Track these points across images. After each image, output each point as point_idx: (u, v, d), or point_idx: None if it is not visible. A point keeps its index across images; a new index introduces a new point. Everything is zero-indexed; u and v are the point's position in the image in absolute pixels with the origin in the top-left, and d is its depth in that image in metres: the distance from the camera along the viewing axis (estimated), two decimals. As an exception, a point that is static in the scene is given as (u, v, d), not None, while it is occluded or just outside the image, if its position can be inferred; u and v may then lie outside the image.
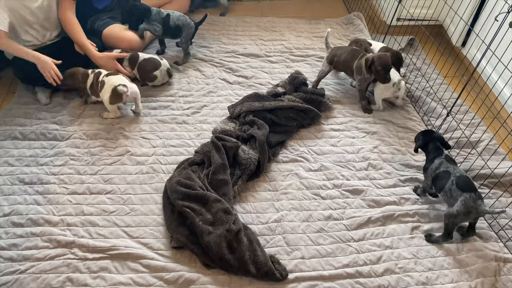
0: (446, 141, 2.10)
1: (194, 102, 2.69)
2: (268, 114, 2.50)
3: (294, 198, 2.14)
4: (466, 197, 1.83)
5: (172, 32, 2.89)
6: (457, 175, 1.91)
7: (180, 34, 2.90)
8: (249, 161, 2.20)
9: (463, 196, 1.84)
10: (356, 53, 2.65)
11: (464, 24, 2.95)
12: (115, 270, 1.81)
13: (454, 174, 1.92)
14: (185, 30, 2.88)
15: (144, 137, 2.43)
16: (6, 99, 2.66)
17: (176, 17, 2.85)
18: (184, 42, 2.94)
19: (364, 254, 1.93)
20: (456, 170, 1.94)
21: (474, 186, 1.89)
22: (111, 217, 2.01)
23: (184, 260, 1.86)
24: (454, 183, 1.88)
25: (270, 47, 3.24)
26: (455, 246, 1.97)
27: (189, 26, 2.87)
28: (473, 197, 1.83)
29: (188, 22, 2.87)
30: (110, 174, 2.21)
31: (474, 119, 2.64)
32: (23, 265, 1.80)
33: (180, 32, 2.89)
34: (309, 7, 3.82)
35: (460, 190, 1.86)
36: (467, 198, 1.82)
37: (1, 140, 2.36)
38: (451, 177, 1.91)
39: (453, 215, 1.87)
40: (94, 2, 2.94)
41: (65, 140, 2.37)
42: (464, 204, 1.83)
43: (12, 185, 2.12)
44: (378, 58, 2.47)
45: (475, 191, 1.86)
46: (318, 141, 2.48)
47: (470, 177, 1.95)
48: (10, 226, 1.94)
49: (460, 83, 2.75)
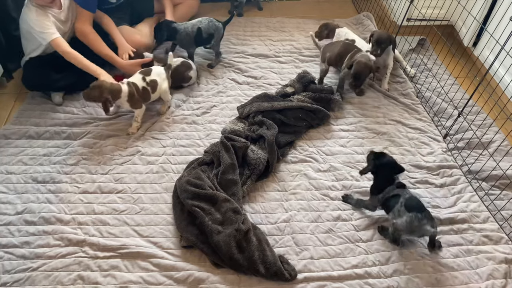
0: (398, 165, 2.00)
1: (203, 102, 2.70)
2: (277, 114, 2.50)
3: (303, 198, 2.15)
4: (411, 216, 1.83)
5: (205, 41, 2.95)
6: (406, 197, 1.90)
7: (212, 39, 2.95)
8: (258, 161, 2.21)
9: (408, 216, 1.83)
10: (349, 47, 2.69)
11: (475, 25, 2.93)
12: (125, 268, 1.83)
13: (403, 196, 1.90)
14: (216, 35, 2.94)
15: (155, 137, 2.45)
16: (19, 98, 2.71)
17: (206, 27, 2.89)
18: (216, 45, 2.99)
19: (372, 254, 1.92)
20: (405, 192, 1.92)
21: (423, 206, 1.88)
22: (122, 216, 2.03)
23: (194, 259, 1.87)
24: (402, 204, 1.87)
25: (279, 47, 3.25)
26: (465, 247, 1.96)
27: (218, 29, 2.93)
28: (418, 216, 1.82)
29: (217, 26, 2.93)
30: (121, 174, 2.23)
31: (486, 120, 2.62)
32: (35, 262, 1.83)
33: (212, 38, 2.94)
34: (318, 7, 3.82)
35: (407, 210, 1.85)
36: (412, 218, 1.82)
37: (16, 139, 2.40)
38: (400, 199, 1.89)
39: (397, 228, 1.88)
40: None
41: (78, 140, 2.40)
42: (408, 222, 1.83)
43: (26, 184, 2.16)
44: (356, 63, 2.50)
45: (423, 211, 1.84)
46: (327, 141, 2.48)
47: (419, 198, 1.94)
48: (23, 224, 1.97)
49: (472, 84, 2.73)
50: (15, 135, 2.41)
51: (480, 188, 2.23)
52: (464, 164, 2.36)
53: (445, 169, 2.33)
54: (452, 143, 2.50)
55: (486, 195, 2.19)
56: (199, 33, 2.87)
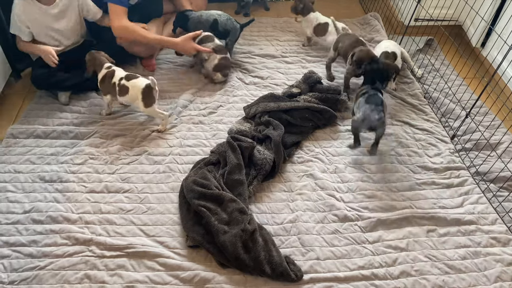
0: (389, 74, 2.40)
1: (210, 103, 2.71)
2: (283, 114, 2.50)
3: (309, 199, 2.14)
4: (365, 107, 2.21)
5: (219, 35, 2.97)
6: (370, 93, 2.27)
7: (227, 36, 2.97)
8: (264, 161, 2.21)
9: (364, 107, 2.21)
10: (358, 43, 2.68)
11: (483, 25, 2.91)
12: (131, 268, 1.84)
13: (369, 93, 2.28)
14: (232, 33, 2.96)
15: (161, 137, 2.45)
16: (27, 97, 2.72)
17: (224, 22, 2.93)
18: (230, 44, 3.01)
19: (379, 256, 1.92)
20: (373, 92, 2.29)
21: (380, 103, 2.23)
22: (128, 215, 2.04)
23: (200, 259, 1.88)
24: (365, 99, 2.26)
25: (286, 47, 3.25)
26: (473, 249, 1.95)
27: (235, 28, 2.96)
28: (371, 108, 2.19)
29: (234, 25, 2.95)
30: (127, 173, 2.24)
31: (494, 121, 2.60)
32: (43, 261, 1.84)
33: (228, 34, 2.96)
34: (325, 7, 3.79)
35: (366, 103, 2.23)
36: (366, 108, 2.21)
37: (24, 138, 2.41)
38: (366, 95, 2.27)
39: (354, 120, 2.26)
40: None
41: (85, 139, 2.42)
42: (363, 112, 2.21)
43: (33, 183, 2.17)
44: (359, 51, 2.53)
45: (377, 105, 2.20)
46: (333, 142, 2.47)
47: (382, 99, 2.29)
48: (30, 223, 1.98)
49: (480, 85, 2.71)
50: (23, 135, 2.43)
51: (488, 190, 2.22)
52: (472, 166, 2.34)
53: (453, 171, 2.32)
54: (459, 144, 2.48)
55: (494, 197, 2.18)
56: (215, 24, 2.90)
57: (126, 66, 2.91)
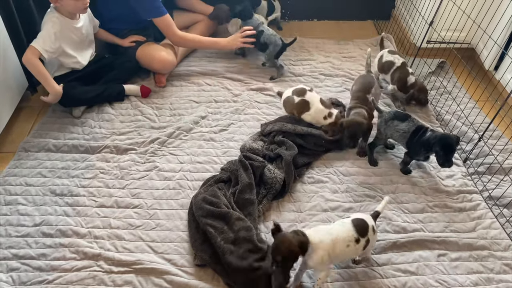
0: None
1: (221, 120, 2.72)
2: (297, 138, 2.49)
3: (318, 220, 2.12)
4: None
5: (259, 45, 3.09)
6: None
7: (266, 50, 3.08)
8: (275, 180, 2.20)
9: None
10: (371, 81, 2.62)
11: (497, 49, 2.90)
12: (139, 284, 1.83)
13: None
14: (271, 48, 3.05)
15: (172, 153, 2.47)
16: (42, 111, 2.77)
17: (267, 35, 3.05)
18: (268, 59, 3.12)
19: (388, 279, 1.88)
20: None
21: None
22: (137, 231, 2.04)
23: (207, 278, 1.86)
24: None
25: (299, 67, 3.26)
26: (485, 276, 1.91)
27: (275, 44, 3.05)
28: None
29: (275, 41, 3.05)
30: (137, 189, 2.25)
31: (508, 145, 2.57)
32: (51, 275, 1.84)
33: (267, 48, 3.06)
34: (338, 28, 3.84)
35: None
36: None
37: (35, 152, 2.44)
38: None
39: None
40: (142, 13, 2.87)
41: (96, 154, 2.44)
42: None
43: (44, 196, 2.19)
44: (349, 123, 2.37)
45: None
46: (345, 162, 2.46)
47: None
48: (40, 236, 1.99)
49: (493, 108, 2.69)
50: (34, 148, 2.46)
51: (502, 215, 2.18)
52: (485, 190, 2.31)
53: (465, 194, 2.29)
54: (472, 167, 2.45)
55: (507, 222, 2.14)
56: (259, 35, 3.05)
57: (138, 81, 2.96)
